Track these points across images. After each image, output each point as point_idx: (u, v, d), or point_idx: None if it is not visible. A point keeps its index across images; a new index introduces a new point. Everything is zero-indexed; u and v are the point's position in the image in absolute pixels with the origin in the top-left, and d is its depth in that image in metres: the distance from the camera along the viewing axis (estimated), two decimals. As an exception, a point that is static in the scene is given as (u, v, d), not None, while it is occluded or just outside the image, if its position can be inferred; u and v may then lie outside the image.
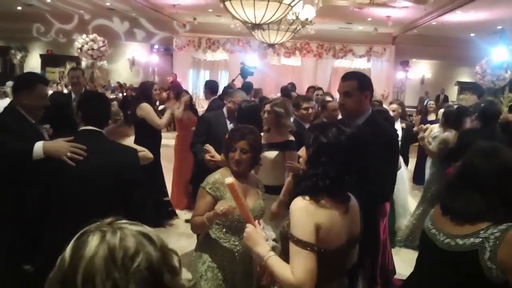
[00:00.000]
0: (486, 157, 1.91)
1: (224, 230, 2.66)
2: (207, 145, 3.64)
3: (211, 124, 4.23)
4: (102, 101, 2.74)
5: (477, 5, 8.91)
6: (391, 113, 5.36)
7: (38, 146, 2.43)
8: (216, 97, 5.92)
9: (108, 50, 12.68)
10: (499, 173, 1.85)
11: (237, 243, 2.64)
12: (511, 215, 1.79)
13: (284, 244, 1.93)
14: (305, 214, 1.82)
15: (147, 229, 0.98)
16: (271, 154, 3.70)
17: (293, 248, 1.81)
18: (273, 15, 5.52)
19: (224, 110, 4.43)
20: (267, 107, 3.81)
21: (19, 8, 14.30)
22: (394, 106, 5.83)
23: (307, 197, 1.85)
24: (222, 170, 2.76)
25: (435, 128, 5.69)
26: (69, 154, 2.37)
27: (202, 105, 11.59)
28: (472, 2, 8.64)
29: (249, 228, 2.01)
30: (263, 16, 5.52)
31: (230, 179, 2.08)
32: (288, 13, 6.17)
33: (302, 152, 2.08)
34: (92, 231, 0.93)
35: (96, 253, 0.88)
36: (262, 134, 3.57)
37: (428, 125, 6.25)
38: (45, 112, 3.00)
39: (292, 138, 3.83)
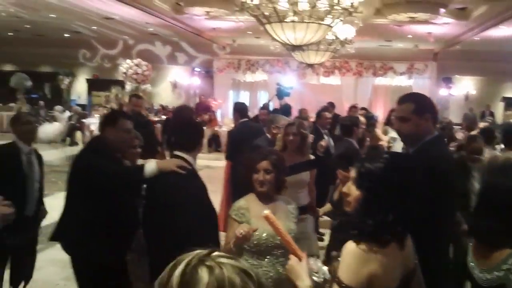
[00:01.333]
0: (504, 175, 1.74)
1: (255, 255, 2.62)
2: None
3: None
4: (195, 128, 3.00)
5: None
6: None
7: (151, 164, 2.78)
8: (246, 119, 5.87)
9: (151, 73, 13.08)
10: None
11: (269, 269, 2.61)
12: None
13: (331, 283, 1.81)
14: (356, 261, 1.66)
15: (244, 264, 1.01)
16: (298, 175, 3.73)
17: None
18: (313, 36, 5.56)
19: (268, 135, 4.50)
20: (292, 129, 3.82)
21: (67, 35, 14.97)
22: None
23: (360, 243, 1.68)
24: (248, 196, 2.74)
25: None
26: (177, 164, 2.72)
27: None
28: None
29: (291, 260, 1.89)
30: (303, 38, 5.57)
31: (265, 212, 1.98)
32: (327, 33, 6.20)
33: (348, 173, 2.01)
34: (198, 264, 0.95)
35: (207, 285, 0.90)
36: None
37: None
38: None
39: (312, 156, 3.89)
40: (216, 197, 5.73)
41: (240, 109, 5.95)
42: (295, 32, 5.49)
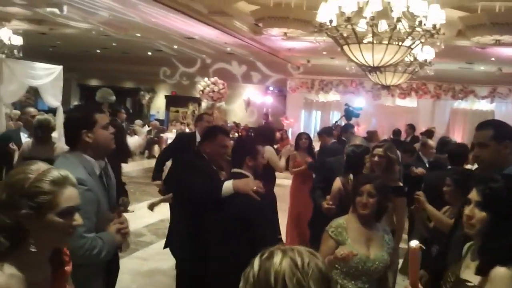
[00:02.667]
0: None
1: (342, 275, 2.65)
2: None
3: (333, 170, 4.26)
4: (250, 147, 3.23)
5: None
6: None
7: (228, 185, 2.94)
8: (334, 140, 5.92)
9: (227, 92, 13.44)
10: None
11: None
12: None
13: None
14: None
15: (310, 249, 1.28)
16: None
17: None
18: (392, 58, 5.49)
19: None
20: (379, 151, 3.74)
21: (149, 53, 15.78)
22: None
23: (509, 266, 1.63)
24: (348, 216, 2.78)
25: None
26: (254, 188, 2.89)
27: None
28: None
29: None
30: (381, 59, 5.52)
31: (415, 243, 1.85)
32: (407, 55, 6.10)
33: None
34: (272, 252, 1.25)
35: (282, 261, 1.21)
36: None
37: None
38: None
39: (401, 183, 3.76)
40: (286, 216, 5.81)
41: (327, 132, 6.09)
42: (373, 54, 5.46)
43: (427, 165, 5.67)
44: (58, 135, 5.86)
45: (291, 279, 1.18)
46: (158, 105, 19.33)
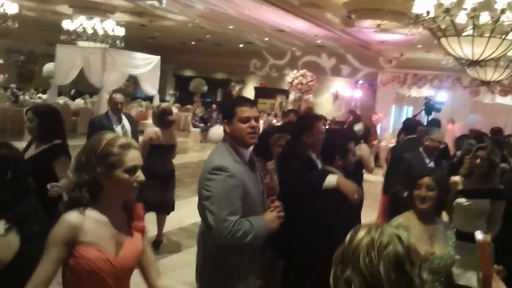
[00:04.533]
0: None
1: None
2: None
3: (412, 165, 4.20)
4: (341, 146, 3.14)
5: None
6: None
7: (332, 179, 2.91)
8: (413, 136, 5.69)
9: (315, 84, 13.40)
10: None
11: None
12: None
13: None
14: None
15: (402, 233, 1.36)
16: (480, 201, 3.50)
17: None
18: (494, 52, 5.18)
19: (421, 149, 4.37)
20: (482, 153, 3.56)
21: (241, 45, 16.12)
22: None
23: None
24: (407, 213, 2.70)
25: None
26: (356, 196, 2.86)
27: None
28: None
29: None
30: (482, 53, 5.23)
31: (481, 235, 1.90)
32: (510, 49, 5.72)
33: None
34: (362, 228, 1.37)
35: (363, 238, 1.32)
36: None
37: None
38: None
39: (501, 186, 3.58)
40: (369, 212, 5.71)
41: (406, 126, 5.90)
42: (473, 47, 5.19)
43: None
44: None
45: (364, 258, 1.28)
46: (247, 96, 19.71)
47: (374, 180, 6.59)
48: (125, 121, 5.38)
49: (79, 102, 16.20)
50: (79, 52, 11.17)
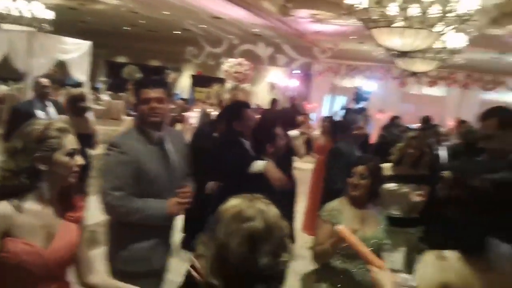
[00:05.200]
0: None
1: (342, 258, 2.64)
2: None
3: (346, 154, 4.29)
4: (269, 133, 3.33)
5: None
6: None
7: (261, 163, 2.98)
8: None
9: (252, 73, 13.39)
10: None
11: (356, 273, 2.62)
12: None
13: None
14: (431, 269, 1.61)
15: (270, 211, 1.36)
16: (406, 186, 3.67)
17: None
18: (422, 43, 5.38)
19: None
20: (414, 142, 3.75)
21: (177, 32, 15.79)
22: None
23: (438, 251, 1.65)
24: (341, 198, 2.80)
25: None
26: (279, 183, 2.95)
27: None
28: None
29: (374, 272, 1.90)
30: (411, 44, 5.42)
31: (339, 227, 2.11)
32: (437, 41, 5.97)
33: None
34: (237, 198, 1.39)
35: (229, 210, 1.34)
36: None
37: None
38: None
39: (427, 172, 3.79)
40: (300, 198, 5.80)
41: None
42: (403, 38, 5.36)
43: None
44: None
45: (225, 227, 1.31)
46: (183, 84, 19.41)
47: (305, 168, 6.69)
48: (51, 108, 5.09)
49: (3, 88, 15.22)
50: (4, 35, 10.46)
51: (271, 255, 1.30)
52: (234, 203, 1.37)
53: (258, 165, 2.97)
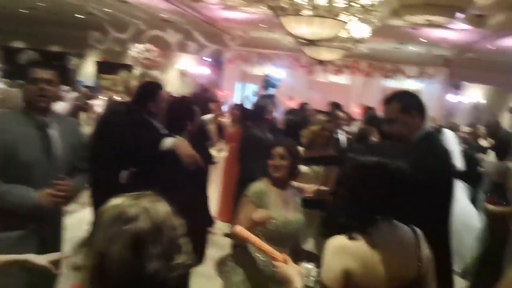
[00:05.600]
0: None
1: (265, 242, 2.63)
2: None
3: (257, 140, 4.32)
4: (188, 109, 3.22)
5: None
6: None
7: (169, 140, 2.83)
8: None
9: (161, 60, 13.02)
10: None
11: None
12: None
13: None
14: (333, 256, 1.59)
15: (158, 208, 1.20)
16: (317, 167, 3.77)
17: None
18: (329, 32, 5.51)
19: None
20: (330, 125, 3.88)
21: (80, 16, 14.91)
22: None
23: (339, 236, 1.63)
24: (264, 180, 2.78)
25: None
26: (191, 160, 2.82)
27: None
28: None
29: (279, 267, 1.86)
30: (318, 33, 5.53)
31: (236, 228, 2.09)
32: (342, 30, 6.16)
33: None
34: (118, 198, 1.22)
35: (108, 211, 1.18)
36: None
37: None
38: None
39: (335, 153, 3.93)
40: (215, 188, 5.77)
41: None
42: (310, 27, 5.45)
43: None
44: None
45: (103, 233, 1.16)
46: (88, 71, 18.45)
47: (217, 155, 6.66)
48: None
49: None
50: None
51: (162, 258, 1.14)
52: (114, 203, 1.19)
53: (169, 141, 2.83)
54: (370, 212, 1.63)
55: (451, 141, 5.54)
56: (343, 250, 1.58)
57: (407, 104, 2.50)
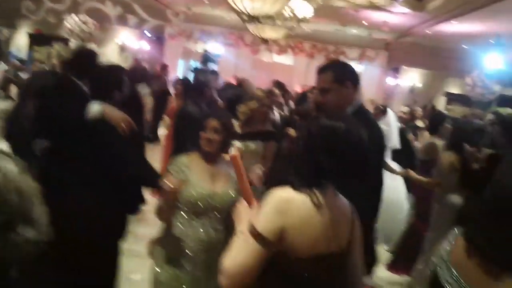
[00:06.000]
0: None
1: (189, 216, 2.54)
2: None
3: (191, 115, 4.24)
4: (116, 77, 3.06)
5: (473, 17, 8.92)
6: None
7: (97, 107, 2.58)
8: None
9: (98, 33, 12.49)
10: None
11: (202, 231, 2.54)
12: None
13: None
14: (275, 207, 1.56)
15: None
16: (253, 143, 3.74)
17: (246, 236, 1.57)
18: (271, 7, 5.43)
19: None
20: (268, 101, 3.83)
21: (9, -17, 13.96)
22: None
23: (281, 191, 1.61)
24: (191, 153, 2.67)
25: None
26: (124, 125, 2.65)
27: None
28: (469, 13, 8.63)
29: (241, 204, 1.83)
30: (261, 8, 5.43)
31: (233, 152, 1.93)
32: (285, 6, 6.08)
33: None
34: None
35: None
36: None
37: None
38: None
39: (272, 129, 3.92)
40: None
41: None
42: (252, 2, 5.35)
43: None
44: None
45: None
46: (20, 43, 17.39)
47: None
48: None
49: None
50: None
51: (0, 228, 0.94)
52: None
53: (96, 107, 2.61)
54: (317, 173, 1.61)
55: (393, 120, 5.72)
56: (287, 203, 1.57)
57: (341, 74, 2.46)
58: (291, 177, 1.62)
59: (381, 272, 4.80)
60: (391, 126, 5.66)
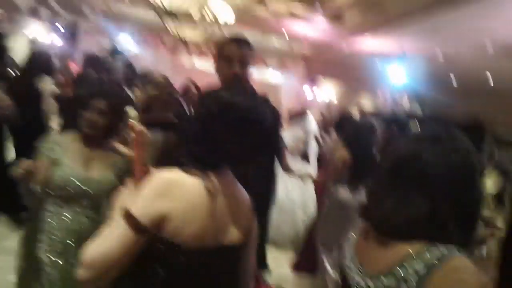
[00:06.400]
0: (434, 142, 1.30)
1: (58, 202, 2.32)
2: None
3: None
4: None
5: (385, 33, 9.35)
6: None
7: None
8: None
9: (5, 24, 11.67)
10: (454, 165, 1.25)
11: (72, 219, 2.33)
12: (460, 236, 1.24)
13: None
14: (154, 192, 1.38)
15: None
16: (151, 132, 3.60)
17: (116, 222, 1.37)
18: (189, 5, 5.31)
19: None
20: (164, 86, 3.66)
21: None
22: None
23: (167, 173, 1.44)
24: (72, 133, 2.44)
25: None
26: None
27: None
28: (382, 27, 9.02)
29: (122, 191, 1.61)
30: (179, 5, 5.30)
31: (135, 124, 1.68)
32: (205, 7, 6.00)
33: None
34: None
35: None
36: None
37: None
38: None
39: (175, 120, 3.80)
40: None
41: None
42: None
43: None
44: None
45: None
46: None
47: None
48: None
49: None
50: None
51: None
52: None
53: None
54: (214, 154, 1.44)
55: (313, 123, 6.03)
56: (171, 185, 1.38)
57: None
58: (183, 158, 1.44)
59: (286, 273, 4.78)
60: (309, 132, 5.94)
